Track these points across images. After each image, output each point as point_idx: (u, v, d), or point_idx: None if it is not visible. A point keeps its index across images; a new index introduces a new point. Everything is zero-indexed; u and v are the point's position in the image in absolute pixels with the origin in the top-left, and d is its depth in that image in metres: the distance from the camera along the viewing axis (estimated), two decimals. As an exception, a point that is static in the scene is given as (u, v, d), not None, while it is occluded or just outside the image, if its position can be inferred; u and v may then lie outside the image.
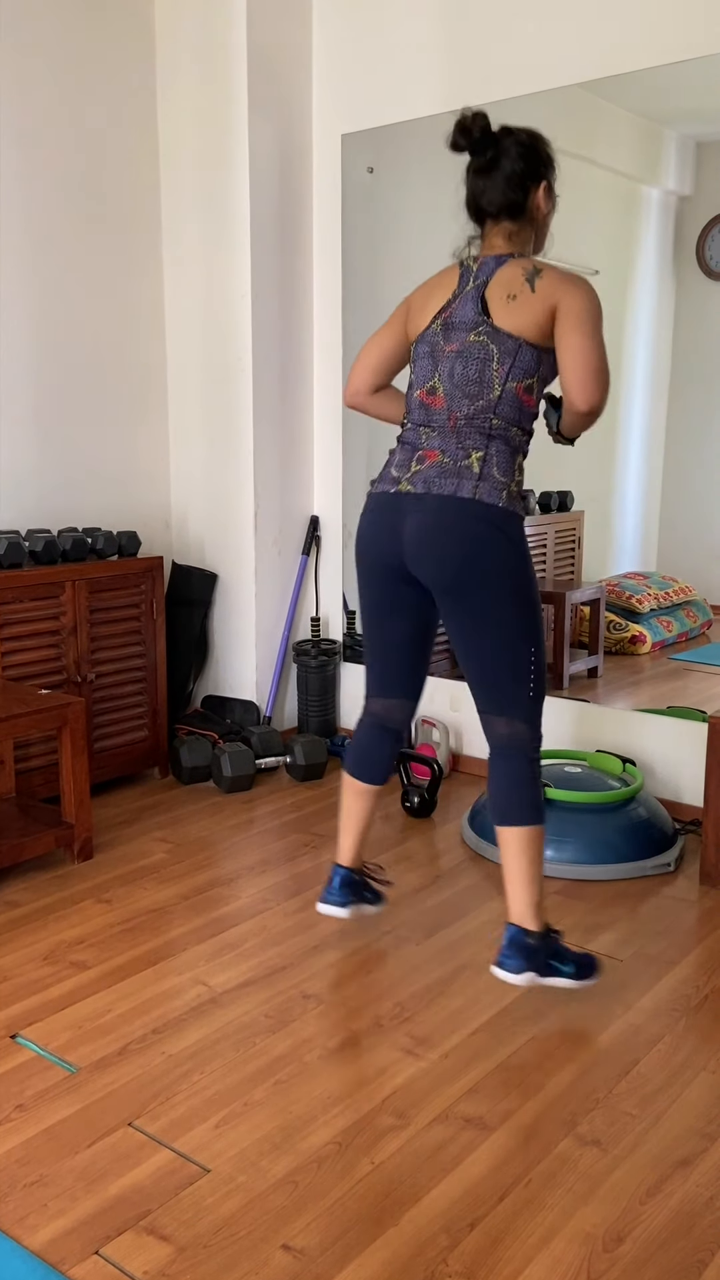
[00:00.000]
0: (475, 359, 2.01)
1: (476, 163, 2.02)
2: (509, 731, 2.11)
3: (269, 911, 2.59)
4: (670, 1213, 1.61)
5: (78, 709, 2.82)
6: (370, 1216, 1.60)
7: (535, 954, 2.08)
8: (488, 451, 2.00)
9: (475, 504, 1.99)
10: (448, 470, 2.01)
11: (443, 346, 2.06)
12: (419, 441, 2.08)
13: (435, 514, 2.00)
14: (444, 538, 2.00)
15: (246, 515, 3.66)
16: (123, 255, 3.58)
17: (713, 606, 5.92)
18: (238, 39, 3.37)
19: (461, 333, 2.03)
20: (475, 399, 2.01)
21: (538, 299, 1.96)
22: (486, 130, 2.00)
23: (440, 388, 2.05)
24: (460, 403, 2.03)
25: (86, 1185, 1.67)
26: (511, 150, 2.00)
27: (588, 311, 1.95)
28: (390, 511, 2.08)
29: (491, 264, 2.03)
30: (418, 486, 2.03)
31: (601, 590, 5.10)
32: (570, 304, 1.95)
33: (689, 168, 6.23)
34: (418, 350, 2.12)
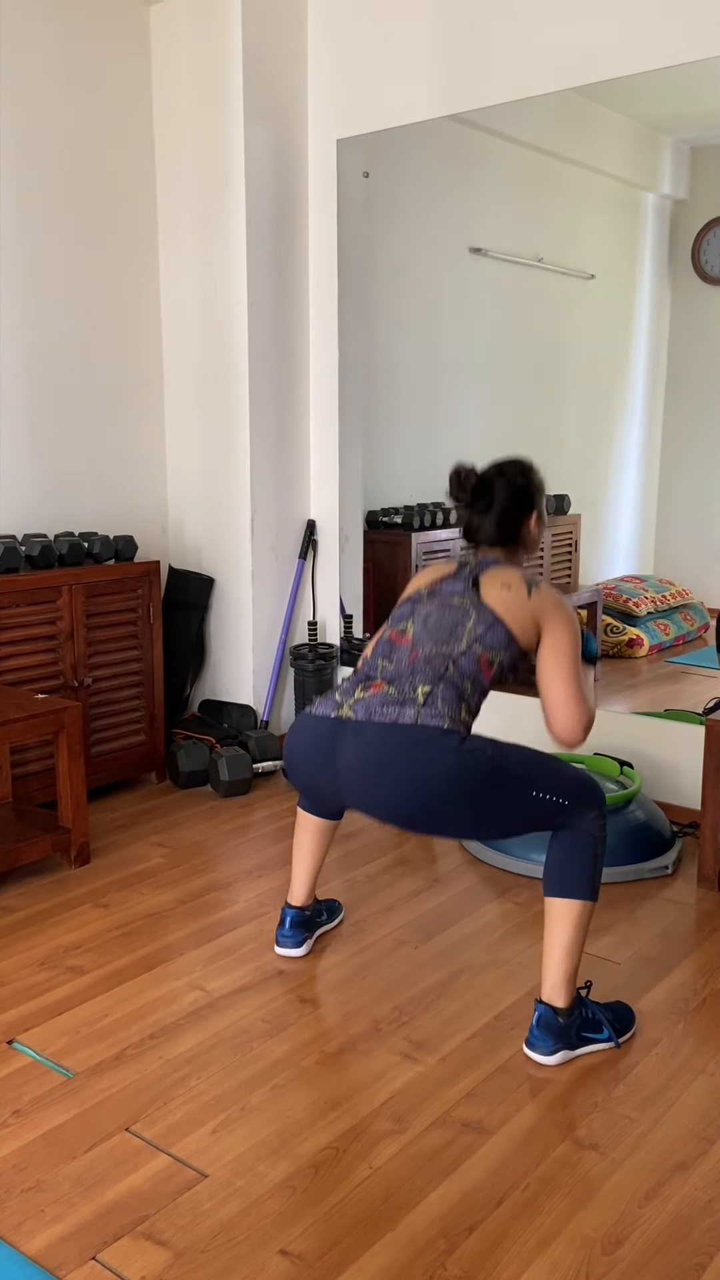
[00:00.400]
0: (453, 611, 2.04)
1: (471, 506, 2.13)
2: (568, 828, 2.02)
3: (266, 916, 2.59)
4: (669, 1216, 1.61)
5: (74, 714, 2.82)
6: (368, 1221, 1.60)
7: (565, 1032, 2.00)
8: (434, 690, 1.96)
9: (416, 729, 1.91)
10: (390, 699, 1.97)
11: (425, 600, 2.10)
12: (372, 672, 2.06)
13: (374, 747, 1.92)
14: (387, 779, 1.91)
15: (243, 519, 3.66)
16: (119, 260, 3.58)
17: (709, 610, 5.91)
18: (233, 44, 3.37)
19: (446, 596, 2.08)
20: (441, 644, 2.01)
21: (531, 605, 2.01)
22: (479, 482, 2.12)
23: (410, 629, 2.07)
24: (425, 642, 2.03)
25: (83, 1191, 1.67)
26: (503, 494, 2.11)
27: (571, 645, 2.01)
28: (324, 739, 2.00)
29: (489, 561, 2.12)
30: (358, 713, 1.98)
31: (598, 593, 5.10)
32: (557, 634, 2.00)
33: (684, 173, 6.23)
34: (398, 610, 2.15)
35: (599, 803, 2.00)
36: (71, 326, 3.46)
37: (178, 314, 3.70)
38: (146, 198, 3.64)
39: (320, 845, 2.38)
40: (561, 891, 2.00)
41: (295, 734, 2.08)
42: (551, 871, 2.02)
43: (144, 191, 3.63)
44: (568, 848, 2.00)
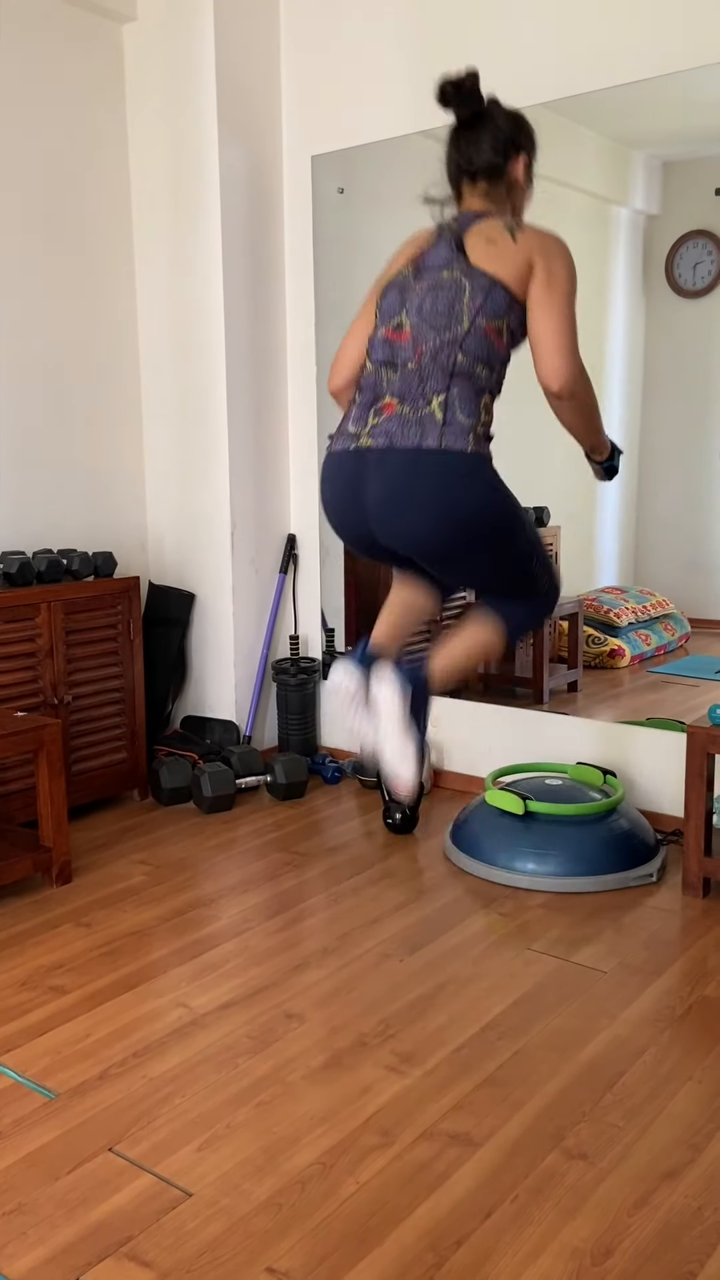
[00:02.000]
0: (446, 292, 1.91)
1: (462, 115, 1.98)
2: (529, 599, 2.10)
3: (250, 931, 2.57)
4: (658, 1224, 1.60)
5: (54, 731, 2.80)
6: (355, 1236, 1.58)
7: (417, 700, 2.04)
8: (449, 394, 1.87)
9: (441, 455, 1.86)
10: (408, 420, 1.89)
11: (413, 284, 1.96)
12: (379, 387, 1.96)
13: (400, 478, 1.88)
14: (413, 506, 1.88)
15: (223, 534, 3.66)
16: (95, 278, 3.58)
17: (690, 620, 5.96)
18: (206, 62, 3.39)
19: (434, 271, 1.94)
20: (442, 331, 1.89)
21: (518, 249, 1.89)
22: (477, 88, 1.96)
23: (407, 323, 1.94)
24: (427, 335, 1.90)
25: (66, 1212, 1.64)
26: (498, 114, 1.98)
27: (567, 280, 1.88)
28: (351, 476, 1.95)
29: (469, 217, 1.98)
30: (378, 440, 1.91)
31: (580, 605, 5.12)
32: (550, 266, 1.88)
33: (656, 188, 6.32)
34: (385, 295, 2.00)
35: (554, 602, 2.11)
36: (47, 344, 3.46)
37: (154, 330, 3.71)
38: (122, 215, 3.65)
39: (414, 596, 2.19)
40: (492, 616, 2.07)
41: (326, 480, 2.02)
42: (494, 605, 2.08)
43: (119, 209, 3.64)
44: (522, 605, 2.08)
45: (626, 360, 6.40)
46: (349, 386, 2.11)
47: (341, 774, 3.74)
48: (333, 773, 3.68)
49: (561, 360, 1.87)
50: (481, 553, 1.95)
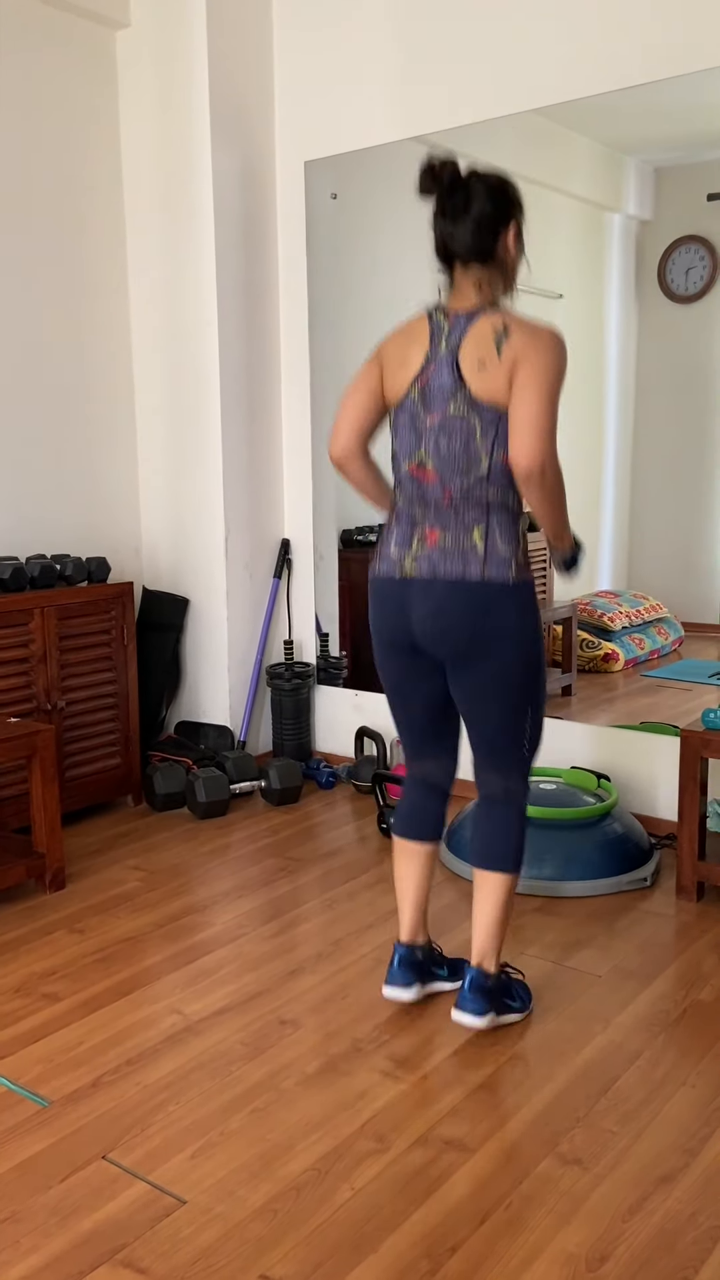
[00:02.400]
0: (459, 432, 1.97)
1: (446, 205, 1.98)
2: (503, 786, 2.12)
3: (245, 937, 2.57)
4: (653, 1230, 1.60)
5: (47, 737, 2.79)
6: (350, 1243, 1.58)
7: (493, 995, 2.12)
8: (488, 524, 1.98)
9: (485, 585, 1.97)
10: (450, 551, 1.99)
11: (424, 418, 2.01)
12: (417, 517, 2.04)
13: (445, 601, 1.99)
14: (455, 623, 1.99)
15: (217, 539, 3.66)
16: (89, 284, 3.58)
17: (684, 624, 5.97)
18: (199, 68, 3.40)
19: (440, 402, 1.99)
20: (466, 474, 1.97)
21: (504, 365, 1.92)
22: (456, 175, 1.96)
23: (429, 462, 2.01)
24: (452, 478, 1.99)
25: (60, 1220, 1.63)
26: (481, 194, 1.96)
27: (546, 369, 1.90)
28: (397, 599, 2.06)
29: (463, 322, 1.98)
30: (423, 570, 2.01)
31: (573, 609, 5.13)
32: (531, 360, 1.90)
33: (649, 193, 6.33)
34: (398, 419, 2.07)
35: (530, 773, 2.14)
36: (40, 349, 3.46)
37: (148, 336, 3.71)
38: (115, 221, 3.65)
39: (420, 872, 2.24)
40: (492, 864, 2.10)
41: (375, 601, 2.11)
42: (482, 846, 2.11)
43: (112, 215, 3.64)
44: (497, 821, 2.11)
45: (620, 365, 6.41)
46: (351, 455, 2.12)
47: (336, 779, 3.73)
48: (327, 778, 3.68)
49: (534, 440, 1.89)
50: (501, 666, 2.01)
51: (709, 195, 5.98)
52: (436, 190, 1.97)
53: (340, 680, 3.89)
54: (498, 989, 2.12)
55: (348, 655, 4.04)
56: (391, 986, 2.23)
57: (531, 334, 1.92)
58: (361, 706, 3.79)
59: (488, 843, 2.10)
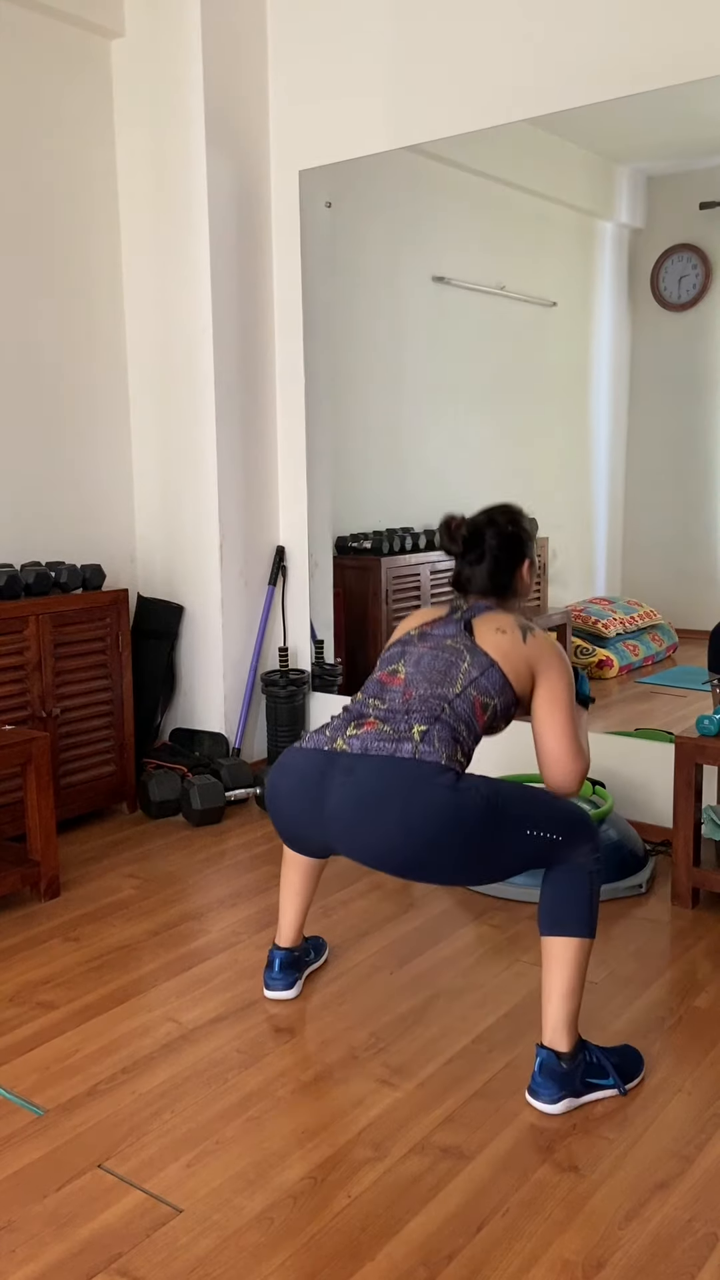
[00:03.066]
0: (446, 654, 2.00)
1: (463, 559, 2.11)
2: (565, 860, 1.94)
3: (240, 945, 2.56)
4: (650, 1236, 1.60)
5: (42, 745, 2.79)
6: (347, 1251, 1.57)
7: (569, 1078, 1.90)
8: (431, 729, 1.89)
9: (414, 764, 1.84)
10: (386, 736, 1.90)
11: (416, 644, 2.06)
12: (363, 711, 1.99)
13: (369, 783, 1.84)
14: (382, 815, 1.82)
15: (212, 547, 3.66)
16: (83, 292, 3.59)
17: (677, 630, 5.97)
18: (194, 77, 3.41)
19: (439, 639, 2.04)
20: (435, 685, 1.96)
21: (526, 651, 1.99)
22: (471, 532, 2.10)
23: (403, 670, 2.02)
24: (420, 684, 1.97)
25: (55, 1230, 1.63)
26: (494, 544, 2.09)
27: (567, 691, 1.99)
28: (316, 776, 1.91)
29: (482, 606, 2.09)
30: (354, 747, 1.91)
31: (568, 616, 5.14)
32: (554, 682, 1.98)
33: (641, 202, 6.35)
34: (388, 653, 2.09)
35: (593, 836, 1.92)
36: (35, 358, 3.46)
37: (142, 343, 3.71)
38: (110, 229, 3.66)
39: (309, 884, 2.28)
40: (558, 930, 1.90)
41: (281, 772, 1.98)
42: (547, 909, 1.92)
43: (107, 222, 3.65)
44: (563, 883, 1.91)
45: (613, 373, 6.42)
46: None
47: (331, 786, 3.73)
48: (322, 785, 3.67)
49: (572, 774, 1.96)
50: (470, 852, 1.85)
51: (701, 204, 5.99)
52: (454, 549, 2.11)
53: (335, 687, 3.89)
54: (575, 1071, 1.90)
55: (343, 662, 4.05)
56: (273, 990, 2.29)
57: (549, 644, 2.03)
58: (356, 713, 3.78)
59: (554, 905, 1.91)
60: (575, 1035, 1.92)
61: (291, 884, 2.29)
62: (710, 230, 5.95)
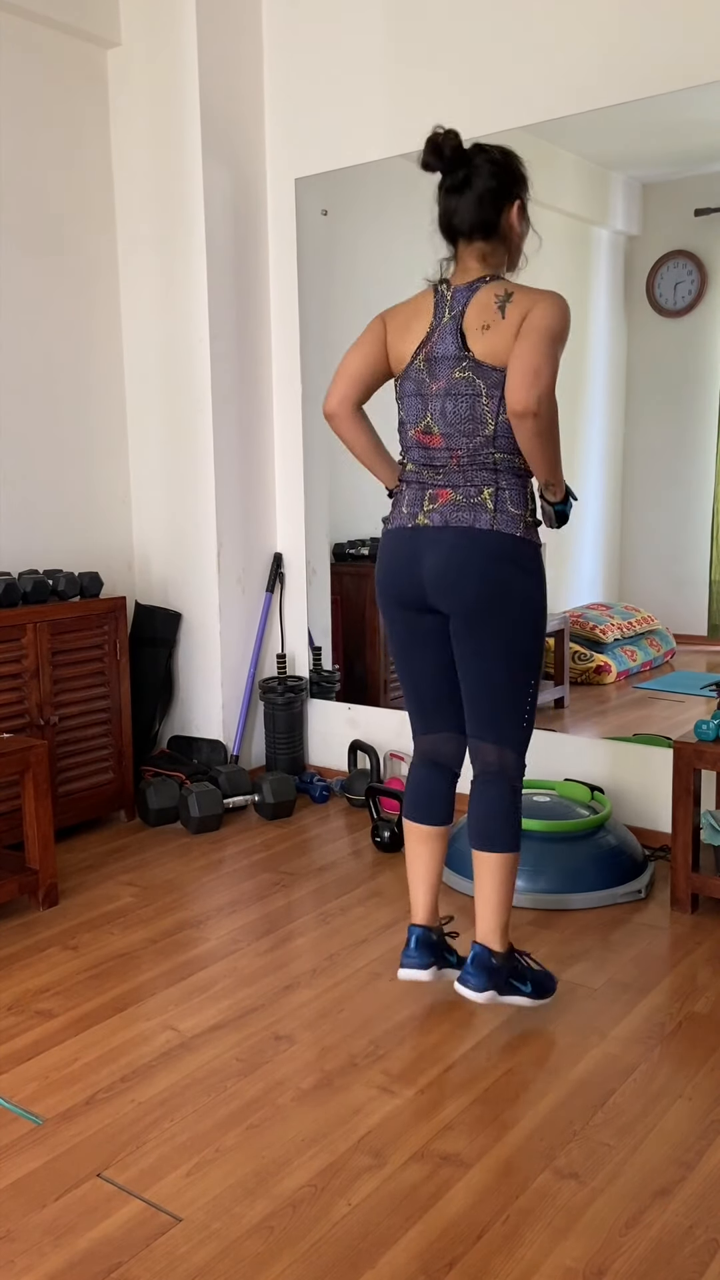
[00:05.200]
0: (464, 396, 2.00)
1: (448, 181, 1.99)
2: (498, 759, 2.12)
3: (239, 952, 2.56)
4: (651, 1243, 1.59)
5: (40, 753, 2.79)
6: (347, 1260, 1.57)
7: (497, 973, 2.11)
8: (498, 485, 2.02)
9: (493, 535, 2.01)
10: (462, 506, 2.03)
11: (429, 384, 2.04)
12: (427, 481, 2.08)
13: (455, 548, 2.02)
14: (465, 569, 2.02)
15: (209, 554, 3.66)
16: (80, 300, 3.59)
17: (675, 635, 5.98)
18: (190, 87, 3.42)
19: (445, 368, 2.02)
20: (472, 436, 2.01)
21: (509, 324, 1.94)
22: (458, 148, 1.96)
23: (435, 427, 2.05)
24: (459, 440, 2.02)
25: (54, 1239, 1.62)
26: (484, 168, 1.96)
27: (547, 321, 1.91)
28: (409, 546, 2.08)
29: (464, 293, 2.00)
30: (435, 520, 2.05)
31: (565, 621, 5.14)
32: (532, 315, 1.92)
33: (636, 209, 6.38)
34: (404, 388, 2.11)
35: (526, 751, 2.14)
36: (32, 365, 3.46)
37: (140, 351, 3.72)
38: (107, 236, 3.67)
39: (432, 854, 2.25)
40: (489, 845, 2.10)
41: (385, 550, 2.13)
42: (479, 827, 2.11)
43: (104, 230, 3.66)
44: (496, 801, 2.11)
45: (609, 379, 6.45)
46: (345, 411, 2.16)
47: (329, 793, 3.73)
48: (320, 791, 3.67)
49: (530, 378, 1.88)
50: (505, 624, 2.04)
51: (696, 210, 6.02)
52: (439, 165, 1.97)
53: (333, 694, 3.89)
54: (503, 969, 2.12)
55: (340, 669, 4.05)
56: (408, 968, 2.22)
57: (535, 294, 1.96)
58: (355, 720, 3.79)
59: (484, 823, 2.11)
60: (507, 939, 2.14)
61: (417, 858, 2.26)
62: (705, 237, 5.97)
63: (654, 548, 6.37)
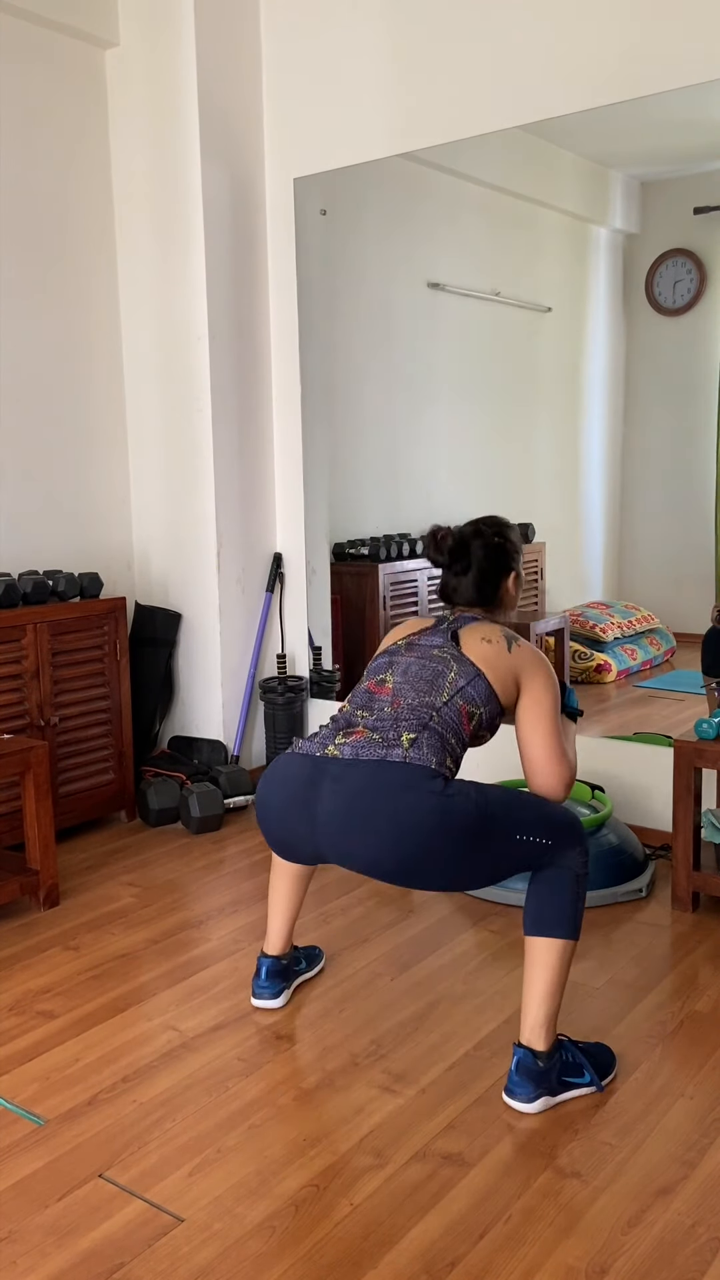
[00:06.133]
0: (433, 664, 2.01)
1: (449, 570, 2.14)
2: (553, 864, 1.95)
3: (240, 953, 2.56)
4: (653, 1242, 1.59)
5: (41, 753, 2.79)
6: (349, 1260, 1.57)
7: (546, 1076, 1.92)
8: (420, 736, 1.91)
9: (404, 768, 1.85)
10: (375, 744, 1.91)
11: (403, 654, 2.07)
12: (351, 720, 2.00)
13: (360, 789, 1.85)
14: (371, 821, 1.83)
15: (209, 554, 3.66)
16: (79, 301, 3.59)
17: (675, 634, 5.97)
18: (188, 87, 3.42)
19: (425, 649, 2.05)
20: (423, 694, 1.96)
21: (511, 660, 2.00)
22: (457, 543, 2.12)
23: (390, 680, 2.02)
24: (407, 693, 1.98)
25: (57, 1240, 1.62)
26: (480, 555, 2.11)
27: (552, 706, 1.99)
28: (306, 782, 1.91)
29: (468, 617, 2.10)
30: (345, 753, 1.92)
31: (565, 620, 5.14)
32: (540, 690, 1.99)
33: (635, 207, 6.37)
34: (375, 663, 2.11)
35: (581, 839, 1.94)
36: (31, 366, 3.46)
37: (138, 350, 3.72)
38: (105, 238, 3.66)
39: (297, 892, 2.27)
40: (541, 930, 1.92)
41: (272, 779, 1.98)
42: (531, 909, 1.94)
43: (103, 232, 3.66)
44: (548, 885, 1.93)
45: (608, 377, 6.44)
46: None
47: (330, 792, 3.72)
48: (321, 791, 3.67)
49: (556, 779, 1.97)
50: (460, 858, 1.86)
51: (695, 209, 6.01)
52: (440, 560, 2.14)
53: (333, 693, 3.89)
54: (551, 1070, 1.92)
55: (340, 668, 4.05)
56: (260, 999, 2.28)
57: (534, 654, 2.03)
58: (355, 720, 3.78)
59: (539, 906, 1.93)
60: (553, 1035, 1.94)
61: (280, 892, 2.28)
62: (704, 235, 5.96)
63: (654, 546, 6.37)
